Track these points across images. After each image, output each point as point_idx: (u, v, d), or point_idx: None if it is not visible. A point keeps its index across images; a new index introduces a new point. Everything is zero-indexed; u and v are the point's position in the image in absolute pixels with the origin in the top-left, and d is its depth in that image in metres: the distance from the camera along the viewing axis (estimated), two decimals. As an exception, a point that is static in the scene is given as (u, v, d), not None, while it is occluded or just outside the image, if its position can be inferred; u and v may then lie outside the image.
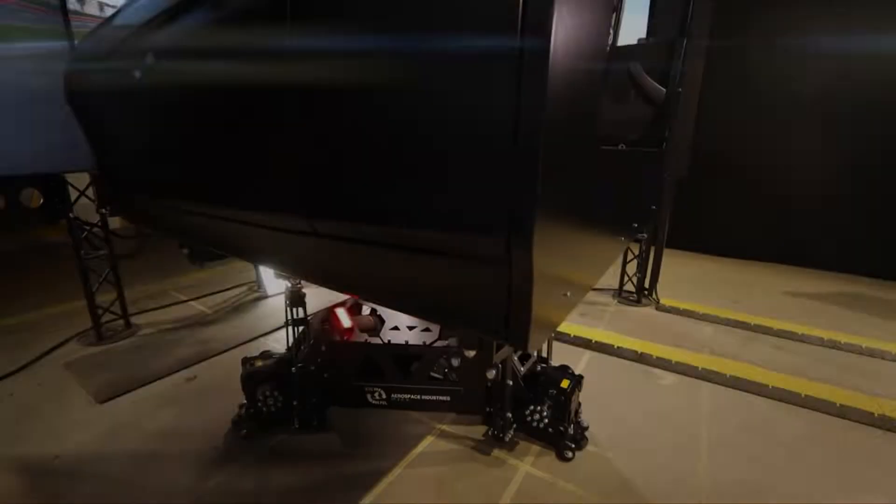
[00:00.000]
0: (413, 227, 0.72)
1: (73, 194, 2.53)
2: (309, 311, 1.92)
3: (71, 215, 2.49)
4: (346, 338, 1.89)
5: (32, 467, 1.62)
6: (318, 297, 3.15)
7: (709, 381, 2.27)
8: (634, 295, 3.40)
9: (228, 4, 0.90)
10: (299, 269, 1.16)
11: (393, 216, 0.74)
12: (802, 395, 2.12)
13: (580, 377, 1.80)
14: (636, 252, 3.38)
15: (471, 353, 0.84)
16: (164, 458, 1.67)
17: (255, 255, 1.28)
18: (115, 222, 2.81)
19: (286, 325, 1.88)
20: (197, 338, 2.74)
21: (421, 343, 1.80)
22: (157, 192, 1.41)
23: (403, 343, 1.82)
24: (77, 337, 2.67)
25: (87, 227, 2.60)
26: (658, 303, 3.31)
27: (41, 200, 2.38)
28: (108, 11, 2.51)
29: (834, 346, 2.67)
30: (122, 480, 1.55)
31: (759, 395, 2.15)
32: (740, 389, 2.19)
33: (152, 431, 1.81)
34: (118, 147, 1.51)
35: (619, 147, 1.94)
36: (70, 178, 2.49)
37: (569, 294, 0.86)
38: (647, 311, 3.23)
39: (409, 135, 0.68)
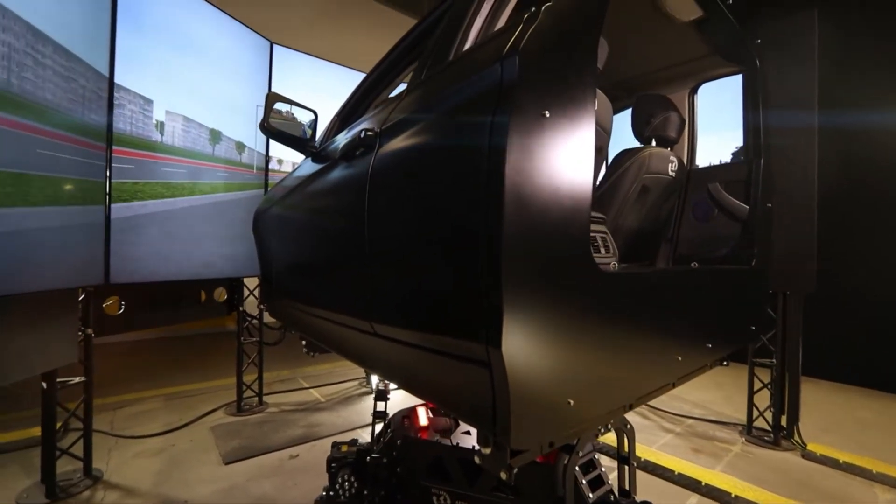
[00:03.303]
0: (427, 332, 0.94)
1: (245, 293, 3.39)
2: (400, 407, 2.13)
3: (241, 308, 3.29)
4: (420, 436, 2.02)
5: (169, 507, 2.03)
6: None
7: (877, 567, 1.71)
8: (770, 434, 2.81)
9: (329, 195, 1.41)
10: (368, 361, 1.43)
11: (415, 323, 0.98)
12: None
13: (662, 519, 1.58)
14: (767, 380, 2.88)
15: (486, 451, 0.95)
16: (257, 523, 1.92)
17: (343, 350, 1.60)
18: (268, 316, 3.58)
19: (373, 417, 2.11)
20: (308, 421, 3.13)
21: (488, 450, 1.82)
22: (285, 295, 1.91)
23: (470, 448, 1.87)
24: (224, 407, 3.31)
25: (249, 319, 3.38)
26: (804, 448, 2.66)
27: (225, 296, 3.24)
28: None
29: None
30: (224, 537, 1.83)
31: None
32: (929, 590, 1.60)
33: (254, 496, 2.11)
34: (267, 261, 2.12)
35: (692, 265, 1.92)
36: (246, 280, 3.37)
37: (572, 402, 0.93)
38: (785, 458, 2.61)
39: (416, 265, 0.96)
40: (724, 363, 1.85)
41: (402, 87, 1.62)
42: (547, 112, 0.82)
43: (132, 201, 2.41)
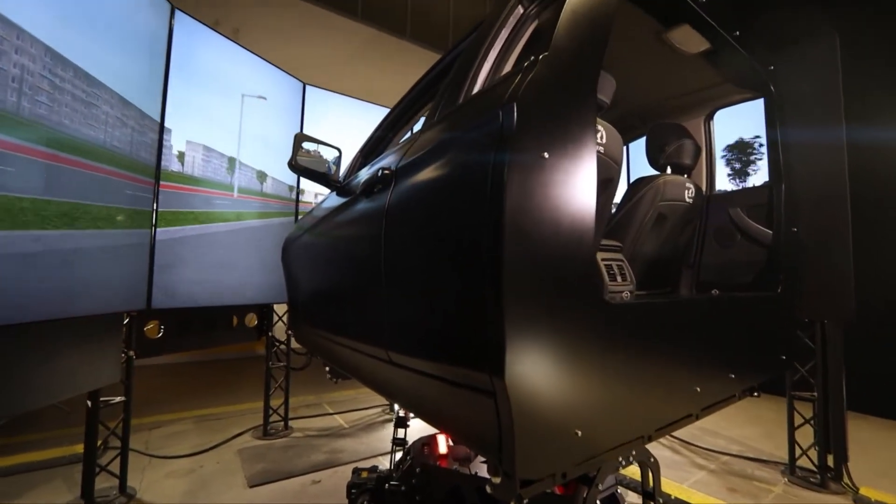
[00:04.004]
0: (436, 361, 0.98)
1: (274, 319, 3.52)
2: (421, 434, 2.15)
3: (269, 334, 3.42)
4: (439, 464, 2.02)
5: (195, 529, 2.09)
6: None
7: None
8: (816, 475, 2.61)
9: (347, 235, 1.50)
10: (384, 388, 1.47)
11: (426, 352, 1.02)
12: None
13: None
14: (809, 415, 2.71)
15: (496, 480, 0.97)
16: (277, 548, 1.95)
17: (363, 377, 1.66)
18: (295, 342, 3.70)
19: (392, 444, 2.13)
20: (331, 447, 3.16)
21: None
22: (310, 322, 1.99)
23: (486, 477, 1.86)
24: (251, 430, 3.39)
25: (277, 344, 3.49)
26: (856, 492, 2.46)
27: (255, 322, 3.38)
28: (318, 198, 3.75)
29: None
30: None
31: None
32: None
33: (276, 522, 2.15)
34: (295, 288, 2.23)
35: (713, 292, 1.88)
36: (275, 307, 3.50)
37: (580, 433, 0.94)
38: (834, 502, 2.42)
39: (426, 297, 1.01)
40: (755, 394, 1.78)
41: (421, 122, 1.72)
42: (546, 153, 0.88)
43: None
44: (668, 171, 1.95)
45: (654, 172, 1.98)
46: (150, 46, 2.38)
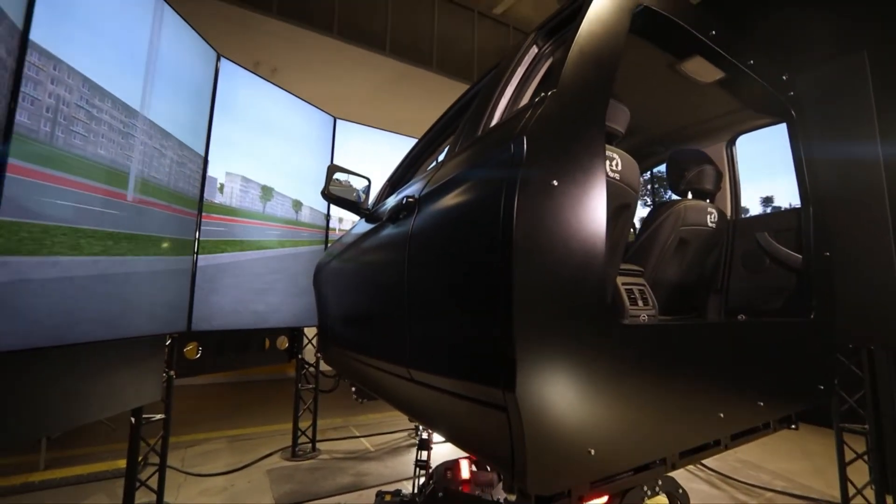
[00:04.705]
0: (454, 378, 1.03)
1: (304, 342, 3.63)
2: (446, 458, 2.15)
3: (299, 356, 3.52)
4: (462, 489, 2.01)
5: (226, 548, 2.14)
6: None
7: None
8: (872, 517, 2.41)
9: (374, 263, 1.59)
10: (406, 406, 1.52)
11: (444, 369, 1.07)
12: None
13: None
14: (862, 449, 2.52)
15: (511, 497, 0.99)
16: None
17: (387, 395, 1.71)
18: (324, 365, 3.79)
19: (415, 466, 2.15)
20: (357, 470, 3.18)
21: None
22: (339, 344, 2.07)
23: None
24: (280, 451, 3.46)
25: (307, 366, 3.59)
26: (918, 538, 2.25)
27: (286, 344, 3.50)
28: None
29: None
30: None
31: None
32: None
33: (302, 543, 2.18)
34: (324, 311, 2.33)
35: (739, 317, 1.84)
36: (305, 330, 3.62)
37: (593, 452, 0.95)
38: (893, 547, 2.23)
39: (446, 316, 1.07)
40: (793, 426, 1.70)
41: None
42: (555, 181, 0.94)
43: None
44: (690, 196, 1.96)
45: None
46: (199, 94, 2.64)
